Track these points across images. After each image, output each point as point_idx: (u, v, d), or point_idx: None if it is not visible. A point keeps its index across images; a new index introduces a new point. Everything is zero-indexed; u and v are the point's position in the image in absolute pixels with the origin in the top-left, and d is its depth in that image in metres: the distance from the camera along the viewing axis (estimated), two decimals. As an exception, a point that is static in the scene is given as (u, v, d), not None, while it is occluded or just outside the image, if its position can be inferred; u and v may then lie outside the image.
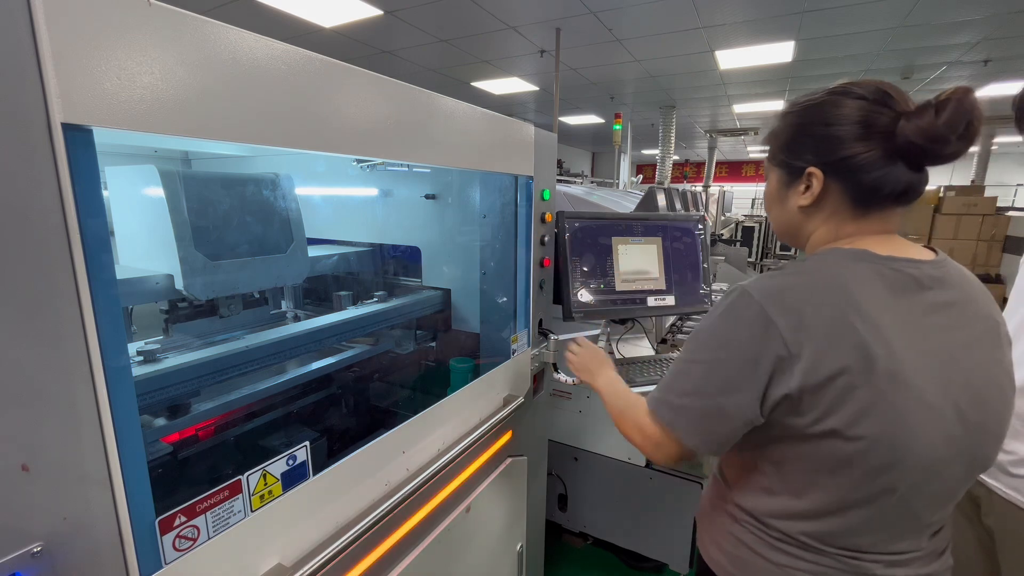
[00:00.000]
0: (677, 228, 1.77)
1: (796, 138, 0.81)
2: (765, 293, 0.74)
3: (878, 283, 0.73)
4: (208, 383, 1.13)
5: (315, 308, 1.75)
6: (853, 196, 0.78)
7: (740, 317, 0.75)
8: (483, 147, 1.24)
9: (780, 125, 0.85)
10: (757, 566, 0.84)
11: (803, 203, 0.82)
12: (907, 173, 0.74)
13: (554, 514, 2.28)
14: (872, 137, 0.73)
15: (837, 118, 0.76)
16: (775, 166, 0.87)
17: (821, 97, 0.79)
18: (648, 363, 1.67)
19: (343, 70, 0.82)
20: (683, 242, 1.74)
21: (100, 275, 0.55)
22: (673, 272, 1.73)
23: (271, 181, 1.36)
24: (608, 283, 1.69)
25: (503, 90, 7.77)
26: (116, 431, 0.57)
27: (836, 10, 4.44)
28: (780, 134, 0.85)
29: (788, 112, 0.84)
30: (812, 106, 0.80)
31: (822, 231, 0.83)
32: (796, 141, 0.81)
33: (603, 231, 1.70)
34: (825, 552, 0.79)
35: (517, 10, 4.63)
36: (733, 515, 0.89)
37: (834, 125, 0.76)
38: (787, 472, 0.80)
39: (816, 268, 0.75)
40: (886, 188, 0.75)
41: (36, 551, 0.52)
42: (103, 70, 0.53)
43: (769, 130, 0.88)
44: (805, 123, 0.80)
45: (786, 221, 0.88)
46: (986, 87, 7.14)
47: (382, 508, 0.99)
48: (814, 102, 0.80)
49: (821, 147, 0.77)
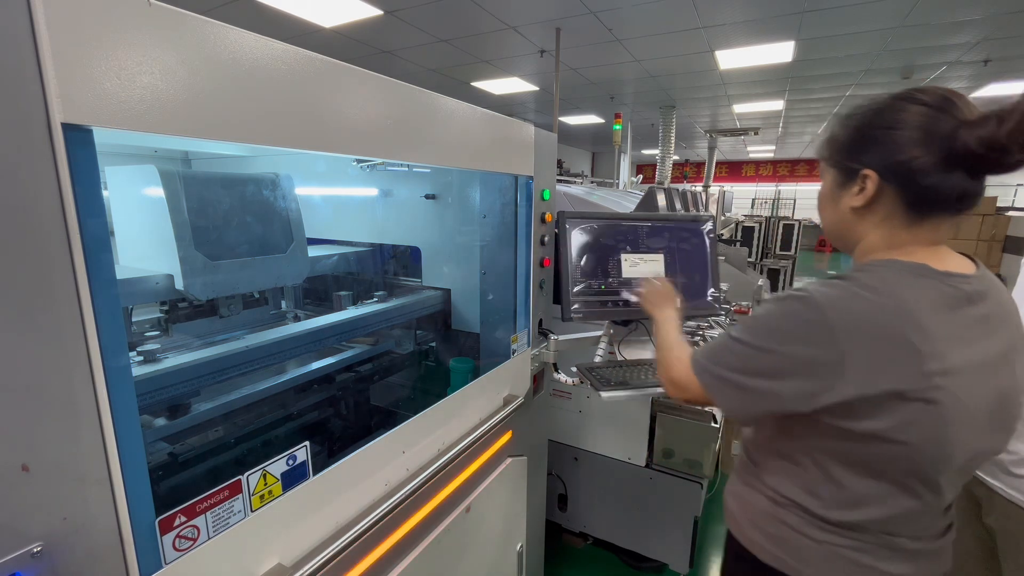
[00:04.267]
0: (685, 229, 1.69)
1: (855, 141, 0.83)
2: (833, 306, 0.75)
3: (939, 301, 0.75)
4: (208, 383, 1.13)
5: (315, 308, 1.75)
6: (908, 202, 0.79)
7: (806, 321, 0.77)
8: (483, 147, 1.24)
9: (839, 126, 0.87)
10: (799, 544, 0.88)
11: (856, 204, 0.83)
12: (964, 181, 0.74)
13: (554, 514, 2.28)
14: (931, 143, 0.73)
15: (896, 122, 0.76)
16: (831, 167, 0.88)
17: (884, 102, 0.80)
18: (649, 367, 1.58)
19: (343, 70, 0.82)
20: (691, 243, 1.67)
21: (100, 275, 0.55)
22: (680, 274, 1.65)
23: (271, 181, 1.36)
24: (609, 284, 1.64)
25: (503, 90, 7.77)
26: (116, 431, 0.57)
27: (836, 10, 4.43)
28: (840, 137, 0.86)
29: (850, 116, 0.85)
30: (874, 110, 0.81)
31: (874, 236, 0.84)
32: (854, 144, 0.83)
33: (605, 232, 1.66)
34: (867, 530, 0.84)
35: (517, 10, 4.63)
36: (772, 499, 0.92)
37: (893, 129, 0.77)
38: (830, 466, 0.83)
39: (881, 284, 0.75)
40: (941, 195, 0.76)
41: (36, 551, 0.52)
42: (103, 70, 0.53)
43: (828, 134, 0.90)
44: (864, 126, 0.82)
45: (837, 222, 0.89)
46: (986, 87, 7.14)
47: (382, 508, 0.99)
48: (876, 107, 0.81)
49: (878, 150, 0.78)
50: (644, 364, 1.56)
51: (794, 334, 0.77)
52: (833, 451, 0.82)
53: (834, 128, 0.88)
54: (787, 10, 4.46)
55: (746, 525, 0.97)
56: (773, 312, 0.82)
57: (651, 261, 1.65)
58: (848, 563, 0.84)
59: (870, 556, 0.84)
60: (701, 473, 1.98)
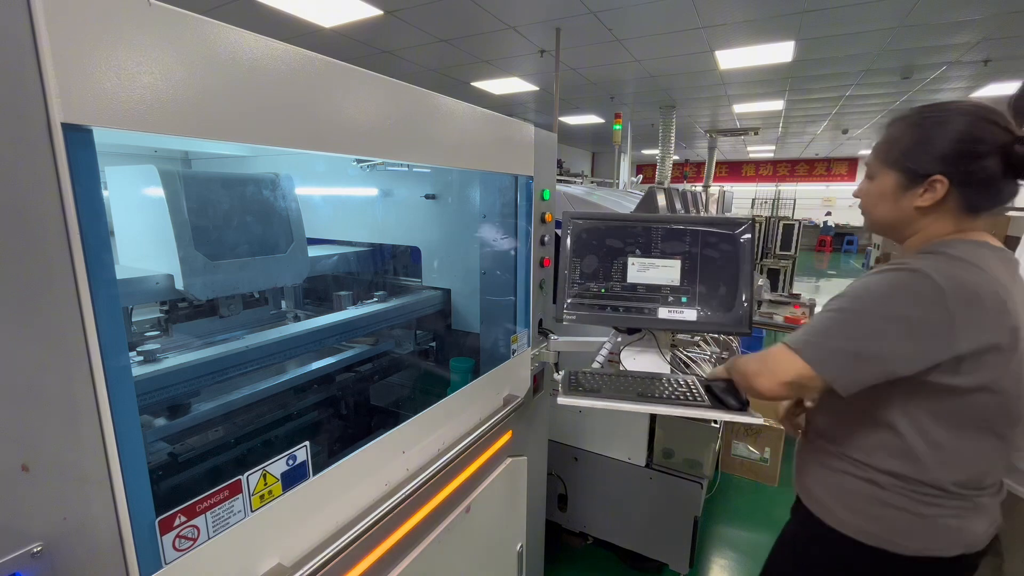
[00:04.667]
0: (713, 234, 1.42)
1: (922, 147, 0.92)
2: (939, 272, 0.85)
3: (1004, 270, 0.89)
4: (208, 383, 1.13)
5: (315, 308, 1.75)
6: (968, 203, 0.92)
7: (916, 287, 0.86)
8: (483, 147, 1.24)
9: (900, 132, 0.96)
10: (898, 517, 0.95)
11: (922, 204, 0.93)
12: (1014, 185, 0.89)
13: (554, 514, 2.28)
14: (996, 155, 0.87)
15: (969, 137, 0.88)
16: (893, 169, 0.97)
17: (949, 114, 0.91)
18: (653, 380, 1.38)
19: (343, 70, 0.82)
20: (718, 250, 1.41)
21: (100, 275, 0.55)
22: (700, 283, 1.43)
23: (271, 181, 1.36)
24: (610, 288, 1.49)
25: (503, 90, 7.77)
26: (116, 431, 0.57)
27: (836, 10, 4.43)
28: (901, 140, 0.95)
29: (910, 122, 0.95)
30: (939, 122, 0.91)
31: (930, 230, 0.96)
32: (925, 151, 0.92)
33: (613, 233, 1.50)
34: (959, 493, 0.93)
35: (517, 10, 4.63)
36: (866, 476, 0.98)
37: (965, 142, 0.88)
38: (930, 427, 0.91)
39: (970, 256, 0.88)
40: (999, 197, 0.91)
41: (36, 551, 0.52)
42: (103, 70, 0.53)
43: (886, 134, 0.99)
44: (933, 136, 0.91)
45: (896, 218, 0.99)
46: (986, 87, 7.14)
47: (382, 508, 0.99)
48: (941, 118, 0.91)
49: (950, 159, 0.89)
50: (633, 377, 1.40)
51: (906, 300, 0.86)
52: (935, 411, 0.90)
53: (897, 133, 0.96)
54: (787, 10, 4.46)
55: (838, 508, 1.01)
56: (881, 283, 0.89)
57: (664, 267, 1.46)
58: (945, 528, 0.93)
59: (961, 520, 0.94)
60: (701, 473, 1.98)
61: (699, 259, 1.43)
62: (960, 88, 7.31)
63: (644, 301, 1.46)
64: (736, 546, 2.52)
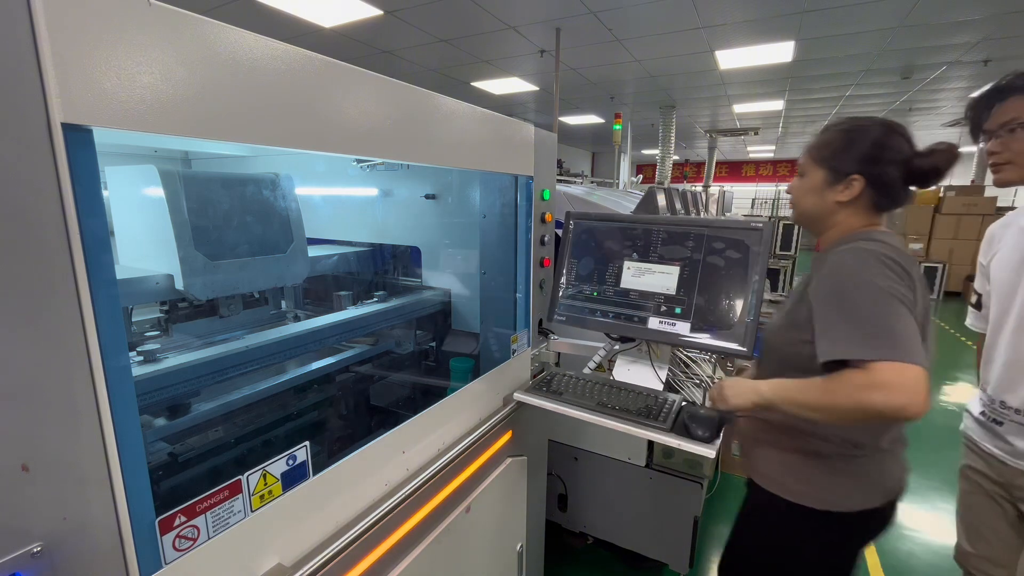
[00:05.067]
0: (720, 239, 1.29)
1: (850, 152, 1.09)
2: (896, 251, 1.01)
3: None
4: (208, 383, 1.13)
5: (315, 308, 1.75)
6: (876, 202, 1.10)
7: (894, 265, 0.97)
8: (483, 147, 1.24)
9: (831, 137, 1.12)
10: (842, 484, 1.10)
11: (841, 199, 1.11)
12: (909, 192, 1.09)
13: (554, 514, 2.28)
14: (899, 164, 1.06)
15: (881, 144, 1.06)
16: (821, 167, 1.13)
17: (872, 125, 1.08)
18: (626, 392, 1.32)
19: (343, 70, 0.82)
20: (724, 257, 1.28)
21: (100, 275, 0.55)
22: (699, 293, 1.29)
23: (271, 181, 1.36)
24: (603, 291, 1.42)
25: (503, 90, 7.77)
26: (116, 431, 0.57)
27: (836, 10, 4.44)
28: (832, 143, 1.12)
29: (839, 129, 1.12)
30: (864, 130, 1.09)
31: (852, 221, 1.12)
32: (849, 154, 1.09)
33: (613, 235, 1.44)
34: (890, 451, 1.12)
35: (517, 10, 4.63)
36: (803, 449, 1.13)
37: (879, 148, 1.06)
38: None
39: (893, 243, 1.04)
40: (897, 200, 1.10)
41: (36, 551, 0.52)
42: (103, 70, 0.53)
43: (818, 139, 1.15)
44: (856, 141, 1.09)
45: (819, 210, 1.15)
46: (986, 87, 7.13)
47: (382, 508, 0.99)
48: (866, 127, 1.09)
49: (866, 161, 1.07)
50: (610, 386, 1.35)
51: (885, 271, 0.96)
52: None
53: (829, 137, 1.13)
54: (787, 10, 4.46)
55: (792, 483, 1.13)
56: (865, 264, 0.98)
57: (661, 273, 1.35)
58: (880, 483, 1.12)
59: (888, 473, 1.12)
60: (701, 473, 1.98)
61: (701, 266, 1.30)
62: (960, 88, 7.31)
63: (635, 309, 1.36)
64: (736, 546, 2.52)
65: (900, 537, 2.55)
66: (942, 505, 2.84)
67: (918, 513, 2.76)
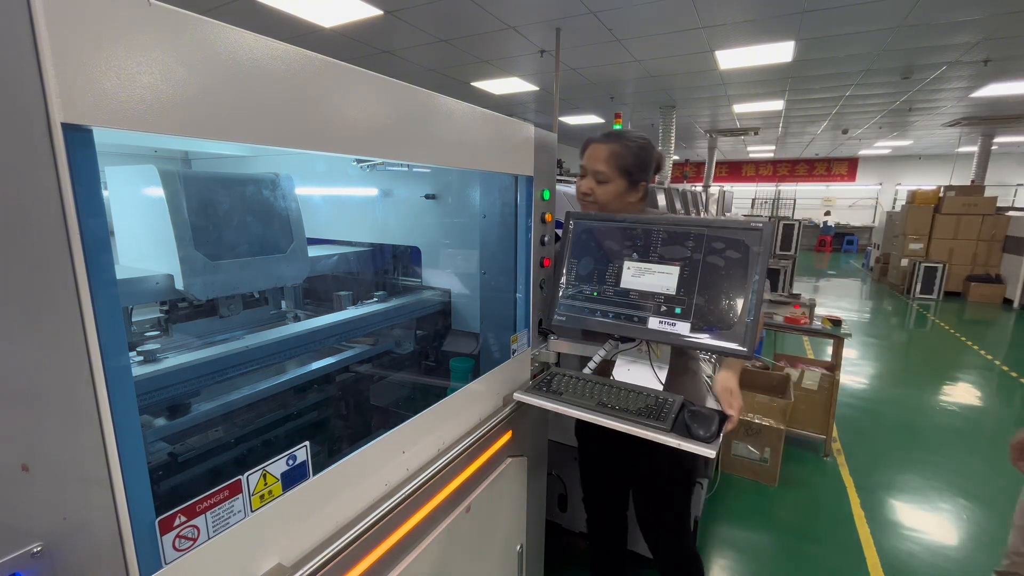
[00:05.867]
0: (720, 239, 1.29)
1: (643, 166, 1.53)
2: None
3: None
4: (208, 383, 1.13)
5: (315, 308, 1.75)
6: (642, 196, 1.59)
7: None
8: (483, 147, 1.24)
9: (632, 158, 1.51)
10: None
11: (633, 200, 1.57)
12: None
13: (554, 514, 2.28)
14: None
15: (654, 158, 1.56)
16: (622, 178, 1.53)
17: (647, 143, 1.54)
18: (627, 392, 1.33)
19: (343, 70, 0.82)
20: (724, 257, 1.29)
21: (100, 275, 0.55)
22: (699, 293, 1.30)
23: (271, 181, 1.36)
24: (603, 291, 1.42)
25: (503, 90, 7.77)
26: (116, 431, 0.58)
27: (836, 10, 4.44)
28: (629, 157, 1.51)
29: (641, 149, 1.52)
30: (645, 147, 1.53)
31: (634, 210, 1.58)
32: (643, 167, 1.54)
33: (613, 235, 1.44)
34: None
35: (517, 10, 4.63)
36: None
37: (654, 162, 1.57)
38: None
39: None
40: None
41: (36, 551, 0.52)
42: (103, 70, 0.53)
43: (621, 162, 1.51)
44: (648, 158, 1.54)
45: (620, 207, 1.56)
46: (986, 87, 7.14)
47: (382, 508, 0.99)
48: (645, 144, 1.53)
49: (649, 172, 1.56)
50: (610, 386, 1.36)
51: None
52: None
53: (627, 156, 1.50)
54: (787, 10, 4.46)
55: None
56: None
57: (661, 273, 1.35)
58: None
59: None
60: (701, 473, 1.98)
61: (701, 266, 1.31)
62: (960, 88, 7.31)
63: (635, 309, 1.37)
64: (736, 546, 2.52)
65: (900, 537, 2.56)
66: (942, 505, 2.84)
67: (918, 513, 2.76)
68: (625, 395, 1.32)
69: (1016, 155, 14.66)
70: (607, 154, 1.50)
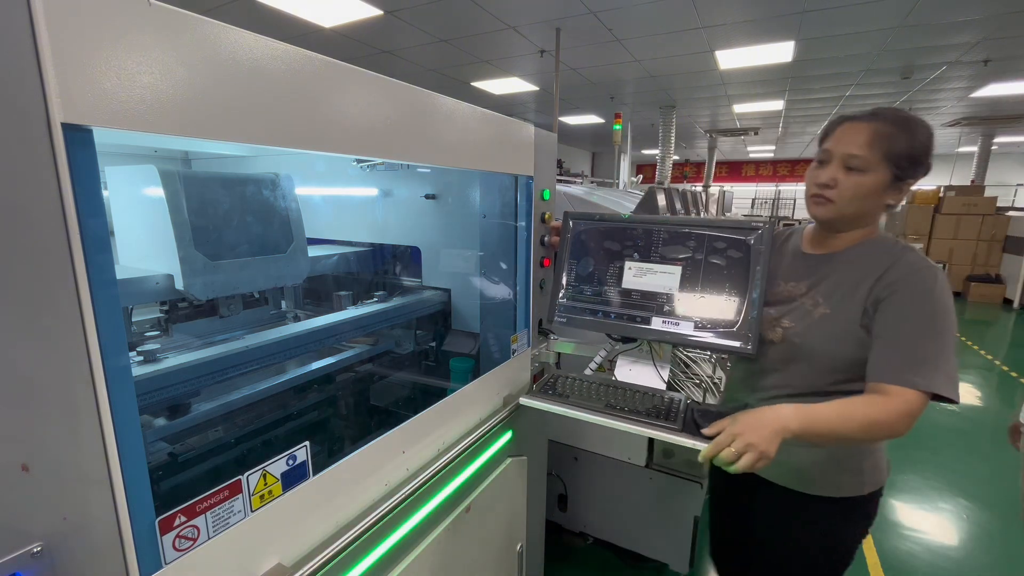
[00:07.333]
0: (720, 239, 1.29)
1: (916, 158, 1.05)
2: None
3: None
4: (208, 383, 1.13)
5: (315, 308, 1.75)
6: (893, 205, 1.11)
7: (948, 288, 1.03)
8: (483, 147, 1.24)
9: (906, 144, 1.04)
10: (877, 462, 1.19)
11: (892, 202, 1.09)
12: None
13: (554, 514, 2.28)
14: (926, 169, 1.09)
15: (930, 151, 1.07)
16: (888, 168, 1.05)
17: (931, 130, 1.06)
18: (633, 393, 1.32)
19: (343, 70, 0.82)
20: (725, 257, 1.29)
21: (100, 275, 0.55)
22: (701, 292, 1.30)
23: (271, 181, 1.36)
24: (604, 292, 1.41)
25: (503, 90, 7.77)
26: (116, 431, 0.57)
27: (836, 10, 4.43)
28: (903, 142, 1.04)
29: (914, 135, 1.05)
30: (923, 130, 1.06)
31: (875, 224, 1.15)
32: (918, 158, 1.06)
33: (613, 235, 1.43)
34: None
35: (517, 10, 4.63)
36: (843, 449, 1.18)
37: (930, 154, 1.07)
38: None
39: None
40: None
41: (36, 551, 0.52)
42: (103, 70, 0.53)
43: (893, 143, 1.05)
44: (924, 148, 1.05)
45: (867, 210, 1.10)
46: (986, 87, 7.13)
47: (382, 508, 0.99)
48: (922, 128, 1.06)
49: (921, 167, 1.06)
50: (615, 387, 1.35)
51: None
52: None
53: (901, 141, 1.04)
54: (787, 10, 4.46)
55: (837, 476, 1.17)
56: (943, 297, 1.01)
57: (663, 273, 1.35)
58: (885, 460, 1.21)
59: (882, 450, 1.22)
60: (701, 473, 1.98)
61: (703, 266, 1.31)
62: (960, 88, 7.31)
63: (637, 309, 1.36)
64: (736, 546, 2.52)
65: (900, 537, 2.55)
66: (942, 505, 2.84)
67: (918, 513, 2.76)
68: (631, 395, 1.32)
69: (1016, 155, 14.66)
70: (870, 135, 1.06)
